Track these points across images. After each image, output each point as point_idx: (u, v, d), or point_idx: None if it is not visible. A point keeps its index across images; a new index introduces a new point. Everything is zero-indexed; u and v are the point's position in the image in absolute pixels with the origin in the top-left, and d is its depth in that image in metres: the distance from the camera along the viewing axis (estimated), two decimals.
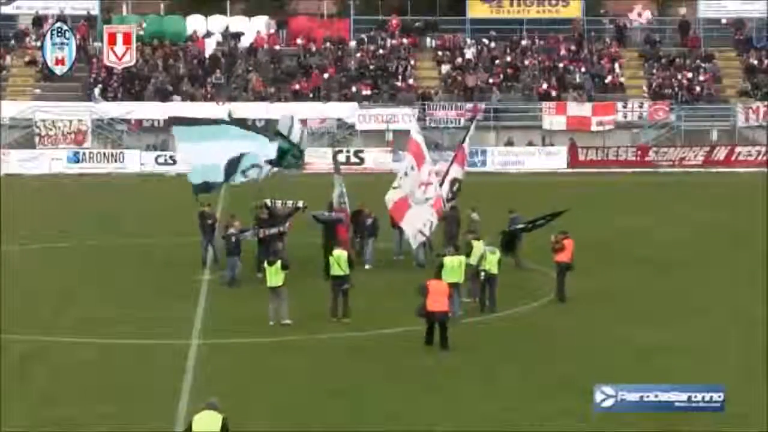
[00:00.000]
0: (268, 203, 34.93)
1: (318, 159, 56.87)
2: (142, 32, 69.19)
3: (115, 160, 63.64)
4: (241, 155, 33.98)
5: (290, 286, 28.04)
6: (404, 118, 63.30)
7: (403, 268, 34.60)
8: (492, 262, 29.33)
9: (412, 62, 70.13)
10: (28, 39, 69.80)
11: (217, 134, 35.00)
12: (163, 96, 66.15)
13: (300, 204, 34.85)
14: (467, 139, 38.13)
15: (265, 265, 28.33)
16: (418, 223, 34.25)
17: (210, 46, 69.68)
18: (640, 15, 73.96)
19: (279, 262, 27.93)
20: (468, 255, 29.55)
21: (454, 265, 27.95)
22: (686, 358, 24.83)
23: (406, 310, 27.23)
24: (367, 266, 34.56)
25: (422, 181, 34.42)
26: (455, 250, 28.97)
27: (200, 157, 34.26)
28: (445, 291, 26.12)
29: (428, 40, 71.74)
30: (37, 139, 64.14)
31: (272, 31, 71.86)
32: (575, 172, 63.17)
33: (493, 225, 34.48)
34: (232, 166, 34.04)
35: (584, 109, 67.03)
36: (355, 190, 37.89)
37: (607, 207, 49.56)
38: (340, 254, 28.61)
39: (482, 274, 29.28)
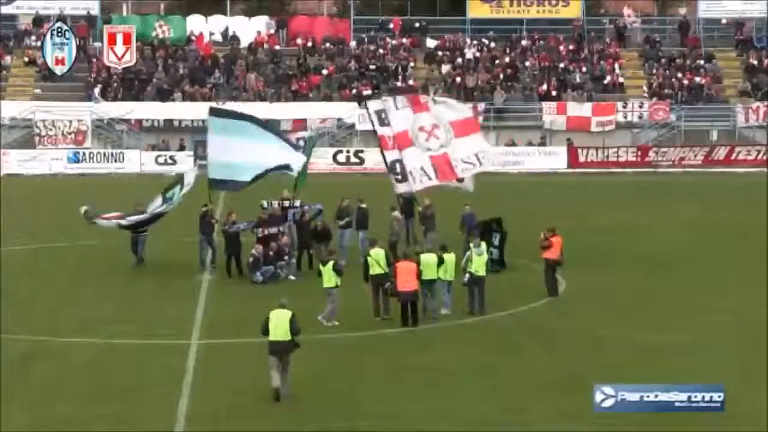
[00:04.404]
0: (265, 204, 34.93)
1: (318, 159, 56.74)
2: (166, 37, 69.44)
3: (115, 160, 63.63)
4: (276, 167, 34.34)
5: (288, 286, 27.99)
6: None
7: None
8: (479, 263, 28.82)
9: (412, 62, 70.14)
10: (28, 39, 69.81)
11: (254, 134, 34.65)
12: (163, 96, 66.16)
13: (297, 203, 34.83)
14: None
15: (320, 265, 28.16)
16: (417, 163, 34.93)
17: (210, 46, 69.76)
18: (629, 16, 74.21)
19: (332, 263, 27.76)
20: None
21: (430, 262, 27.87)
22: (686, 358, 24.82)
23: None
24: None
25: (422, 126, 35.16)
26: (431, 247, 28.79)
27: (229, 152, 33.99)
28: (413, 270, 27.20)
29: (428, 41, 71.76)
30: (37, 139, 64.14)
31: (272, 31, 71.85)
32: (575, 173, 63.17)
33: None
34: (262, 174, 34.33)
35: (584, 109, 67.05)
36: (355, 190, 37.87)
37: (606, 207, 49.51)
38: (378, 252, 28.35)
39: (467, 276, 28.77)
